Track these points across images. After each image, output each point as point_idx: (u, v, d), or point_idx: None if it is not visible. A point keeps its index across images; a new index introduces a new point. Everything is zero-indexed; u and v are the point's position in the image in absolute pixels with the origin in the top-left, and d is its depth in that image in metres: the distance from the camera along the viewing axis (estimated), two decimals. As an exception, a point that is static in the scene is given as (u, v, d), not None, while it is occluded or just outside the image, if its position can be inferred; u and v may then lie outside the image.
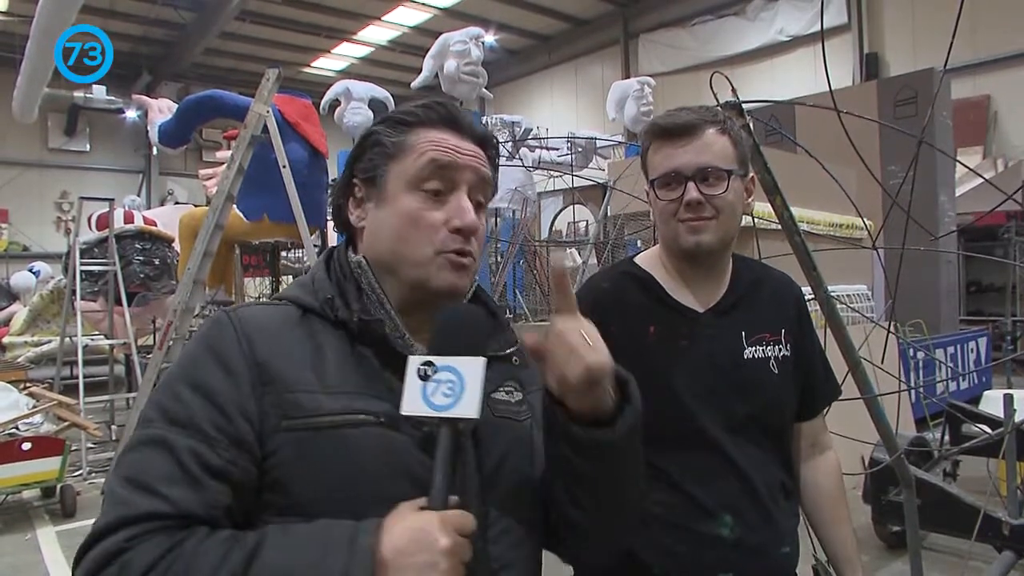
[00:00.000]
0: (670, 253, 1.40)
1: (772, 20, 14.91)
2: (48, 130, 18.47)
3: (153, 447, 0.81)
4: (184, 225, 7.75)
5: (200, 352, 0.88)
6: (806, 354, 1.44)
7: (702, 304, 1.38)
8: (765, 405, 1.36)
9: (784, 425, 1.41)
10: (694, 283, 1.39)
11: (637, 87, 9.83)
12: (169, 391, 0.86)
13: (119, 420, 7.04)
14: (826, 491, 1.45)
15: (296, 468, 0.83)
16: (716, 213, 1.30)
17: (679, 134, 1.30)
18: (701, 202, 1.29)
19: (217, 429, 0.82)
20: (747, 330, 1.37)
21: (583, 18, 17.95)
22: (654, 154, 1.34)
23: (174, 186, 20.00)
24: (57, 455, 5.08)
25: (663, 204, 1.32)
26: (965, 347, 7.44)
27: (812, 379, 1.45)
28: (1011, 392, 3.52)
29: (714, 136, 1.30)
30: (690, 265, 1.38)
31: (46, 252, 15.99)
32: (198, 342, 0.90)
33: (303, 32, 17.26)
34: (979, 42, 11.64)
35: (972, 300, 11.06)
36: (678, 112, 1.33)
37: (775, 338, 1.39)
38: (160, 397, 0.86)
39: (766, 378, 1.37)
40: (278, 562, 0.74)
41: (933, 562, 3.66)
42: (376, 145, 0.98)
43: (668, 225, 1.34)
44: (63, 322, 7.65)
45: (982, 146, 11.86)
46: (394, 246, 0.94)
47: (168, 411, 0.83)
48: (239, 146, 6.02)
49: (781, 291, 1.46)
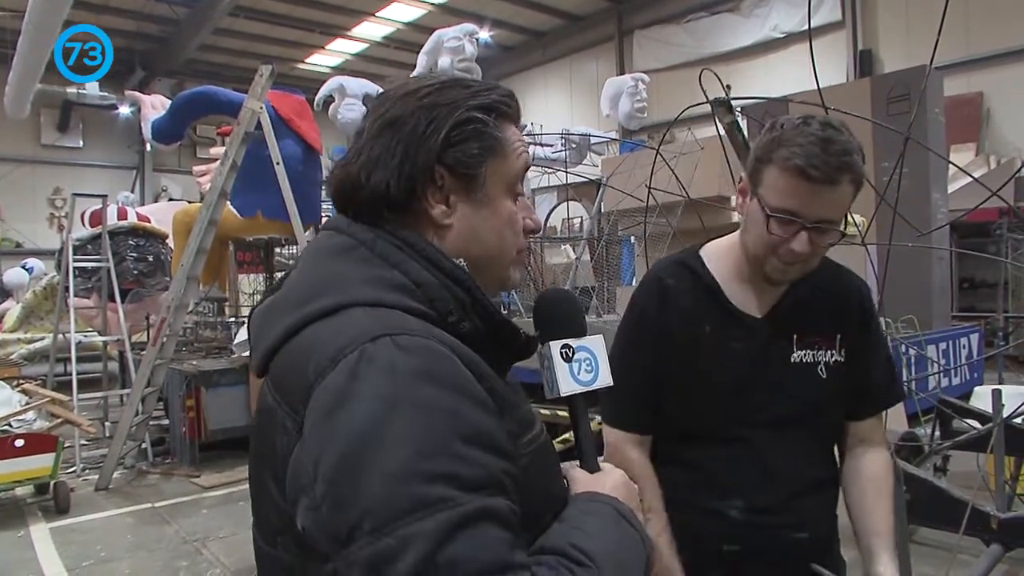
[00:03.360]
0: (749, 264, 1.37)
1: (766, 17, 14.93)
2: (41, 126, 18.41)
3: (477, 525, 0.66)
4: (178, 221, 7.74)
5: (448, 396, 0.71)
6: (864, 358, 1.43)
7: (761, 308, 1.39)
8: (806, 407, 1.37)
9: (829, 425, 1.43)
10: (759, 288, 1.39)
11: (631, 83, 9.83)
12: (446, 454, 0.68)
13: (112, 417, 7.03)
14: (869, 480, 1.42)
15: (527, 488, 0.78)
16: (809, 259, 1.29)
17: (820, 181, 1.21)
18: (805, 254, 1.27)
19: (507, 475, 0.73)
20: (799, 333, 1.38)
21: (578, 14, 17.94)
22: (780, 176, 1.24)
23: (168, 182, 19.95)
24: (50, 452, 5.08)
25: (768, 236, 1.27)
26: (957, 343, 7.48)
27: (867, 382, 1.43)
28: (999, 387, 3.55)
29: (846, 188, 1.23)
30: (758, 275, 1.37)
31: (39, 249, 15.95)
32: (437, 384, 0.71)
33: (297, 28, 17.22)
34: (972, 39, 11.67)
35: (964, 296, 11.10)
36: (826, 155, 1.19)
37: (829, 343, 1.39)
38: (436, 466, 0.66)
39: (811, 381, 1.38)
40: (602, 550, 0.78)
41: (922, 555, 3.69)
42: (479, 137, 0.87)
43: (763, 250, 1.30)
44: (56, 319, 7.64)
45: (975, 143, 11.90)
46: (492, 250, 0.91)
47: (461, 478, 0.67)
48: (232, 142, 6.02)
49: (845, 295, 1.44)
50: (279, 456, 0.74)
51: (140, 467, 6.33)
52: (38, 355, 9.32)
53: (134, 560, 4.35)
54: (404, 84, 0.91)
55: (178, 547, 4.52)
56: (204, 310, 8.94)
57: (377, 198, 0.85)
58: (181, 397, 6.45)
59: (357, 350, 0.71)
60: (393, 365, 0.70)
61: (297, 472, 0.70)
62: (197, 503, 5.42)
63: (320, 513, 0.66)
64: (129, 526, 4.97)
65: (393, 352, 0.71)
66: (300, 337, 0.79)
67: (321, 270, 0.85)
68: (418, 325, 0.76)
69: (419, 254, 0.83)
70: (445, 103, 0.87)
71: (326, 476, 0.66)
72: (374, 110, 0.90)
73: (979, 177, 9.77)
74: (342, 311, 0.77)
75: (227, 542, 4.57)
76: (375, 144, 0.86)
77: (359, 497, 0.64)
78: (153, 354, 6.01)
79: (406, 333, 0.73)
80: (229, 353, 7.24)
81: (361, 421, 0.67)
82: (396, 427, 0.67)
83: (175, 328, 6.19)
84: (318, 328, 0.78)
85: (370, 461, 0.65)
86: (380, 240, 0.84)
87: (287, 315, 0.81)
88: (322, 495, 0.66)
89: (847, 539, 1.47)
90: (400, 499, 0.64)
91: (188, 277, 6.09)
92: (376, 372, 0.69)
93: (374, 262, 0.83)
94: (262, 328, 0.86)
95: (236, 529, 4.77)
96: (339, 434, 0.67)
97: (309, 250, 0.91)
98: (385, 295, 0.79)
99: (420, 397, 0.69)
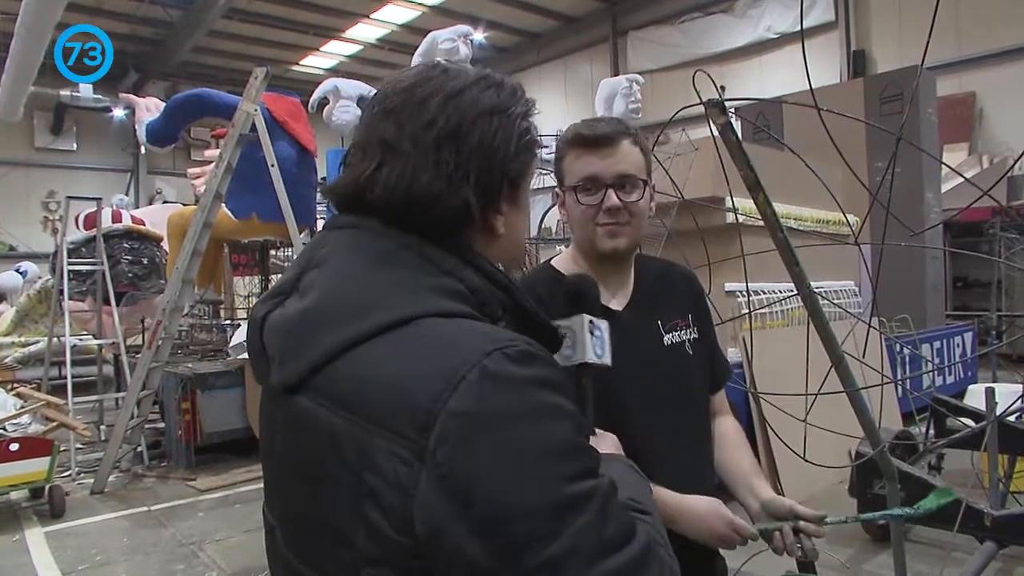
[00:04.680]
0: (586, 255, 1.47)
1: (760, 17, 14.97)
2: (34, 129, 18.35)
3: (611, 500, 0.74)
4: (173, 224, 7.72)
5: (559, 396, 0.74)
6: (708, 336, 1.58)
7: (617, 302, 1.47)
8: (690, 384, 1.50)
9: (705, 400, 1.56)
10: (607, 283, 1.46)
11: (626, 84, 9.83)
12: (577, 451, 0.73)
13: (108, 420, 7.01)
14: (729, 439, 1.57)
15: None
16: (631, 218, 1.40)
17: (600, 144, 1.38)
18: (620, 208, 1.38)
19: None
20: (662, 320, 1.49)
21: (572, 16, 17.96)
22: (574, 161, 1.42)
23: (163, 185, 19.91)
24: (45, 456, 5.06)
25: (583, 208, 1.40)
26: (951, 342, 7.51)
27: (714, 358, 1.59)
28: (993, 386, 3.57)
29: (629, 147, 1.39)
30: (600, 266, 1.46)
31: (33, 252, 15.90)
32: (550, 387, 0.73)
33: (292, 30, 17.19)
34: (965, 40, 11.73)
35: (958, 295, 11.15)
36: (596, 123, 1.41)
37: (685, 323, 1.52)
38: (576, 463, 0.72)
39: (686, 360, 1.50)
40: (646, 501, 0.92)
41: (917, 553, 3.70)
42: (532, 146, 0.90)
43: (586, 229, 1.42)
44: (51, 322, 7.61)
45: (968, 143, 11.95)
46: (517, 252, 0.96)
47: (590, 467, 0.74)
48: (227, 145, 6.01)
49: (680, 281, 1.59)
50: (383, 481, 0.69)
51: (136, 470, 6.31)
52: (33, 359, 9.29)
53: (130, 564, 4.34)
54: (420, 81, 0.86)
55: (174, 550, 4.51)
56: (199, 313, 8.90)
57: (457, 218, 0.82)
58: (177, 400, 6.43)
59: (476, 369, 0.70)
60: (514, 379, 0.71)
61: (436, 499, 0.68)
62: (193, 506, 5.41)
63: (482, 534, 0.67)
64: (125, 530, 4.96)
65: (509, 366, 0.71)
66: (366, 350, 0.74)
67: (371, 275, 0.79)
68: (507, 332, 0.77)
69: (466, 259, 0.82)
70: (500, 110, 0.85)
71: (482, 499, 0.67)
72: (414, 114, 0.83)
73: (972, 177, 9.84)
74: (414, 322, 0.74)
75: (224, 545, 4.56)
76: (438, 158, 0.81)
77: (524, 511, 0.67)
78: (148, 357, 5.99)
79: (511, 343, 0.73)
80: (225, 356, 7.22)
81: (504, 441, 0.68)
82: (536, 439, 0.70)
83: (170, 331, 6.18)
84: (394, 342, 0.74)
85: (524, 476, 0.68)
86: (426, 245, 0.81)
87: (338, 325, 0.76)
88: (481, 517, 0.67)
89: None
90: (561, 503, 0.68)
91: (183, 280, 6.08)
92: (502, 390, 0.70)
93: (427, 268, 0.80)
94: (298, 339, 0.78)
95: (233, 532, 4.76)
96: (484, 458, 0.67)
97: (334, 250, 0.84)
98: (450, 303, 0.78)
99: (544, 405, 0.72)
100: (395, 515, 0.69)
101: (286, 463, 0.82)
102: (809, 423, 2.13)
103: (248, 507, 5.21)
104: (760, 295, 4.97)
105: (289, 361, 0.79)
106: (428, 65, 0.89)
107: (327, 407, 0.75)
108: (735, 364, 4.73)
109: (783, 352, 4.09)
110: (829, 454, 3.83)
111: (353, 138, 0.90)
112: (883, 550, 3.84)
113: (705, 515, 1.28)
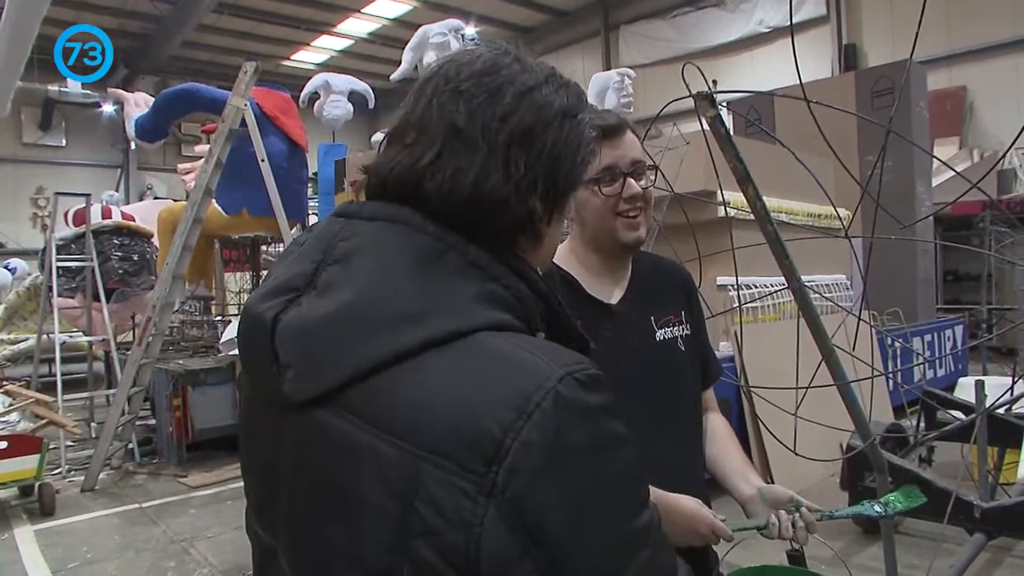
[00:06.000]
0: (598, 248, 1.45)
1: (752, 11, 14.99)
2: (22, 124, 18.19)
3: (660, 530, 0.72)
4: (163, 220, 7.69)
5: (621, 424, 0.70)
6: (700, 331, 1.57)
7: (613, 296, 1.47)
8: (682, 380, 1.49)
9: (696, 397, 1.55)
10: (606, 277, 1.46)
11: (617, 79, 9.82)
12: (638, 481, 0.72)
13: (98, 417, 6.97)
14: (719, 435, 1.57)
15: None
16: (646, 205, 1.41)
17: (612, 133, 1.37)
18: (639, 195, 1.39)
19: None
20: (655, 315, 1.48)
21: (563, 10, 17.93)
22: None
23: (153, 181, 19.78)
24: (35, 453, 5.03)
25: (603, 200, 1.39)
26: (942, 335, 7.55)
27: (706, 354, 1.59)
28: (983, 379, 3.58)
29: (631, 136, 1.41)
30: (612, 259, 1.46)
31: (22, 249, 15.75)
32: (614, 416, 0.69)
33: (282, 25, 17.11)
34: (955, 34, 11.77)
35: (949, 289, 11.21)
36: (604, 114, 1.40)
37: (677, 319, 1.52)
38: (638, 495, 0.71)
39: (678, 356, 1.49)
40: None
41: (907, 545, 3.72)
42: (593, 154, 0.86)
43: (606, 221, 1.40)
44: (40, 319, 7.55)
45: (959, 136, 12.01)
46: (550, 259, 0.92)
47: (645, 498, 0.72)
48: (217, 140, 5.98)
49: (674, 276, 1.59)
50: (437, 513, 0.63)
51: (127, 468, 6.29)
52: (22, 356, 9.22)
53: (121, 561, 4.32)
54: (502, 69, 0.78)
55: (165, 547, 4.50)
56: (190, 309, 8.87)
57: (518, 226, 0.77)
58: (168, 397, 6.41)
59: (550, 396, 0.64)
60: (587, 407, 0.66)
61: (504, 533, 0.62)
62: (184, 503, 5.39)
63: (556, 569, 0.63)
64: (116, 527, 4.94)
65: (581, 393, 0.66)
66: (413, 365, 0.67)
67: (414, 279, 0.70)
68: (571, 352, 0.71)
69: (513, 266, 0.75)
70: (570, 113, 0.80)
71: (556, 534, 0.63)
72: (488, 103, 0.75)
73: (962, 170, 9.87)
74: (470, 337, 0.68)
75: (215, 542, 4.55)
76: (508, 157, 0.74)
77: (598, 546, 0.65)
78: (139, 354, 5.96)
79: (578, 366, 0.68)
80: (216, 352, 7.20)
81: (580, 474, 0.65)
82: (610, 471, 0.67)
83: (161, 327, 6.15)
84: (449, 359, 0.67)
85: (598, 510, 0.66)
86: (473, 247, 0.73)
87: (382, 335, 0.67)
88: (555, 553, 0.63)
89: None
90: (626, 539, 0.67)
91: (174, 276, 6.04)
92: (576, 420, 0.65)
93: (472, 273, 0.72)
94: (324, 347, 0.69)
95: (224, 529, 4.75)
96: (560, 491, 0.63)
97: (366, 245, 0.73)
98: (501, 315, 0.71)
99: (613, 435, 0.68)
100: (457, 554, 0.62)
101: (299, 484, 0.72)
102: (800, 416, 2.13)
103: (240, 503, 5.13)
104: (751, 289, 4.98)
105: (312, 371, 0.69)
106: (498, 50, 0.80)
107: (363, 427, 0.66)
108: (726, 358, 4.74)
109: (774, 346, 4.10)
110: (820, 447, 3.84)
111: (404, 112, 0.79)
112: (873, 542, 3.86)
113: (689, 515, 1.28)
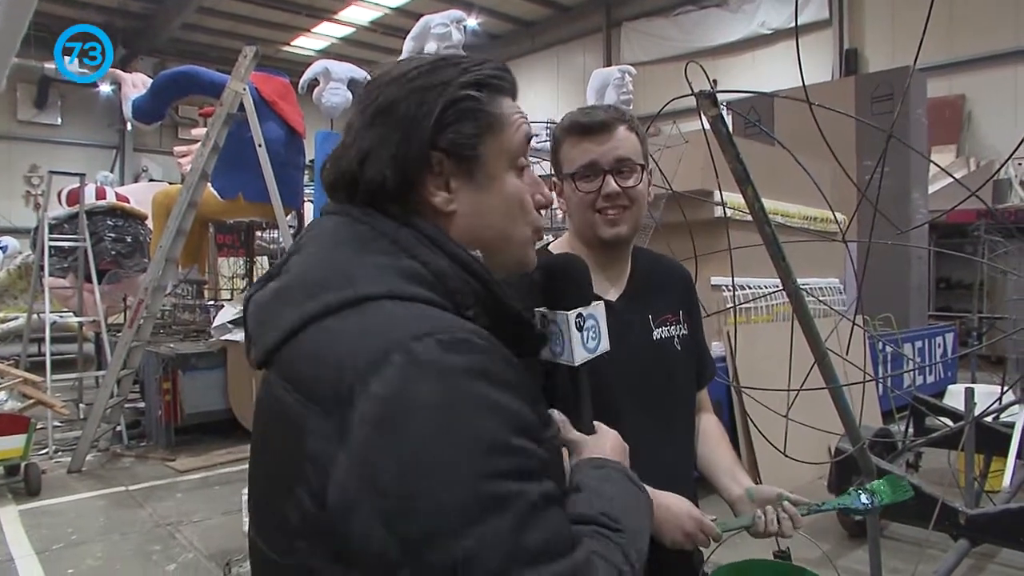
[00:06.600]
0: (586, 243, 1.45)
1: (754, 13, 14.99)
2: (17, 101, 18.03)
3: (545, 511, 0.68)
4: (157, 203, 7.65)
5: (497, 391, 0.69)
6: (697, 331, 1.57)
7: (612, 292, 1.45)
8: (676, 380, 1.48)
9: (691, 397, 1.54)
10: (602, 272, 1.45)
11: (618, 75, 9.80)
12: (506, 449, 0.68)
13: (87, 398, 6.94)
14: (711, 435, 1.57)
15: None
16: (630, 204, 1.40)
17: (596, 130, 1.37)
18: (619, 193, 1.37)
19: (547, 461, 0.74)
20: (653, 313, 1.47)
21: (566, 4, 17.89)
22: (571, 149, 1.41)
23: (149, 163, 19.65)
24: (22, 433, 5.01)
25: (581, 195, 1.39)
26: (933, 342, 7.58)
27: (701, 354, 1.58)
28: (972, 386, 3.60)
29: (625, 132, 1.39)
30: (602, 254, 1.45)
31: (14, 227, 15.61)
32: (486, 380, 0.69)
33: (283, 10, 17.00)
34: (955, 42, 11.78)
35: (941, 296, 11.26)
36: (592, 110, 1.41)
37: (675, 319, 1.51)
38: (499, 462, 0.67)
39: (673, 356, 1.48)
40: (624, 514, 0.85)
41: (892, 550, 3.74)
42: (474, 115, 0.84)
43: (585, 216, 1.41)
44: (31, 298, 7.51)
45: (956, 144, 12.04)
46: (504, 232, 0.88)
47: (523, 470, 0.68)
48: (214, 124, 5.94)
49: (674, 275, 1.58)
50: (310, 459, 0.69)
51: (114, 450, 6.26)
52: (11, 335, 9.16)
53: (106, 543, 4.31)
54: (392, 68, 0.87)
55: (151, 531, 4.49)
56: (183, 292, 8.83)
57: (374, 191, 0.82)
58: (157, 380, 6.38)
59: (402, 352, 0.67)
60: (442, 366, 0.68)
61: (348, 480, 0.66)
62: (172, 487, 5.38)
63: (387, 522, 0.64)
64: (101, 509, 4.92)
65: (439, 353, 0.68)
66: (318, 329, 0.74)
67: (335, 256, 0.79)
68: (452, 319, 0.73)
69: (437, 244, 0.80)
70: (436, 84, 0.83)
71: (391, 486, 0.64)
72: (363, 98, 0.86)
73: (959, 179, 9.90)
74: (366, 303, 0.73)
75: (201, 526, 4.54)
76: (367, 134, 0.83)
77: (431, 504, 0.64)
78: (130, 336, 5.94)
79: (448, 330, 0.70)
80: (207, 336, 7.17)
81: (420, 429, 0.65)
82: (456, 430, 0.66)
83: (152, 310, 6.12)
84: (341, 321, 0.73)
85: (436, 467, 0.65)
86: (402, 229, 0.80)
87: (298, 304, 0.76)
88: (388, 505, 0.64)
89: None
90: (473, 500, 0.64)
91: (167, 259, 6.01)
92: (426, 376, 0.67)
93: (391, 251, 0.79)
94: (267, 317, 0.80)
95: (211, 513, 4.74)
96: (399, 444, 0.65)
97: (316, 234, 0.85)
98: (406, 286, 0.76)
99: (472, 397, 0.68)
100: (315, 498, 0.69)
101: (253, 440, 0.85)
102: (790, 419, 2.14)
103: (227, 488, 5.18)
104: (746, 290, 4.98)
105: (258, 337, 0.81)
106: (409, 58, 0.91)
107: (280, 383, 0.76)
108: (718, 358, 4.75)
109: (767, 347, 4.11)
110: (809, 450, 3.86)
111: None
112: (859, 546, 3.88)
113: (678, 513, 1.28)
